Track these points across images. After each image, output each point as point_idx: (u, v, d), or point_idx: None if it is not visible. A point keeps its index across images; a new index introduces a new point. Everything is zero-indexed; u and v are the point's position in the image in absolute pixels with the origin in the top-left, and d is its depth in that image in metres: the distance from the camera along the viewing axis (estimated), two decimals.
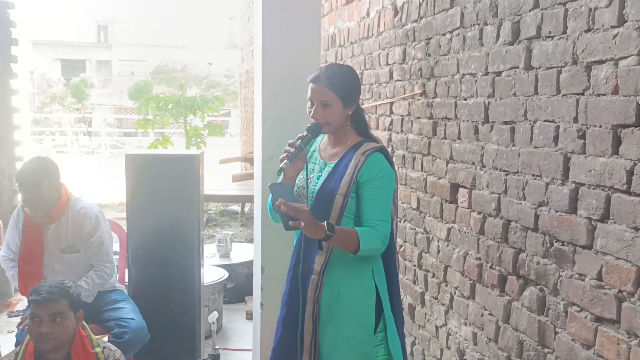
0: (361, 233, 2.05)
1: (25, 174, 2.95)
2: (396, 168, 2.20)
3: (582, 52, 1.86)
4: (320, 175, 2.19)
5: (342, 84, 2.16)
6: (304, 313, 2.16)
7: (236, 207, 8.61)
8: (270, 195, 2.12)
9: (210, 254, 5.00)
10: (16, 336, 2.89)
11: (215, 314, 3.43)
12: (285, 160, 2.10)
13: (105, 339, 3.02)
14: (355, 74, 2.27)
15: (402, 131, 3.34)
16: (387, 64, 3.52)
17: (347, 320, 2.14)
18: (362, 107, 3.86)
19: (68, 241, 3.07)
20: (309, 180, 2.20)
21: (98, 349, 2.43)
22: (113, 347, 2.52)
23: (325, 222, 2.00)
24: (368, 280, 2.16)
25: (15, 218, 3.15)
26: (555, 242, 2.01)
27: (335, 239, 2.02)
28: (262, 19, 3.09)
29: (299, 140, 2.13)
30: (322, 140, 2.30)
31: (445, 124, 2.82)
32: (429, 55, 2.97)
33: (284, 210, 1.93)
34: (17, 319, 3.59)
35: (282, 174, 2.17)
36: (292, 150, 2.10)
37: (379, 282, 2.18)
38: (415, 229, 3.20)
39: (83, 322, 2.46)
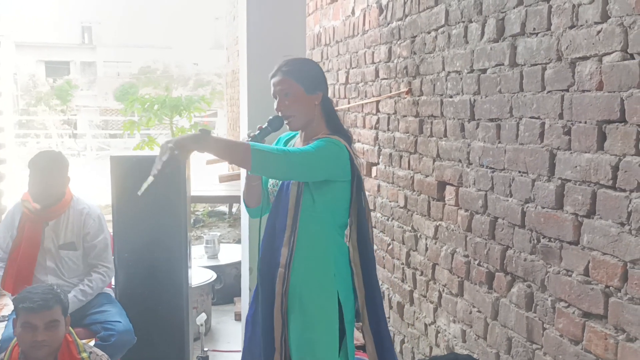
0: (253, 143, 1.97)
1: (38, 161, 3.01)
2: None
3: (567, 48, 1.86)
4: None
5: (299, 70, 2.13)
6: (272, 308, 2.13)
7: (224, 208, 8.58)
8: (242, 198, 2.20)
9: (198, 255, 4.97)
10: (0, 342, 2.85)
11: (203, 316, 3.40)
12: None
13: (92, 342, 2.99)
14: (313, 62, 2.24)
15: (388, 129, 3.34)
16: (373, 62, 3.52)
17: (313, 322, 2.12)
18: (349, 105, 3.86)
19: (67, 238, 3.09)
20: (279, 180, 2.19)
21: (84, 354, 2.41)
22: (100, 352, 2.50)
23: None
24: (329, 284, 2.13)
25: (12, 214, 3.12)
26: (542, 238, 2.01)
27: (215, 146, 1.91)
28: (247, 19, 3.08)
29: (258, 131, 2.11)
30: (297, 139, 2.27)
31: (432, 122, 2.82)
32: (415, 53, 2.96)
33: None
34: (2, 325, 3.55)
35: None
36: (249, 140, 2.08)
37: (340, 287, 2.15)
38: (403, 227, 3.20)
39: (69, 328, 2.43)
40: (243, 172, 3.23)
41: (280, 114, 2.13)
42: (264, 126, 2.12)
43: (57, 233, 3.08)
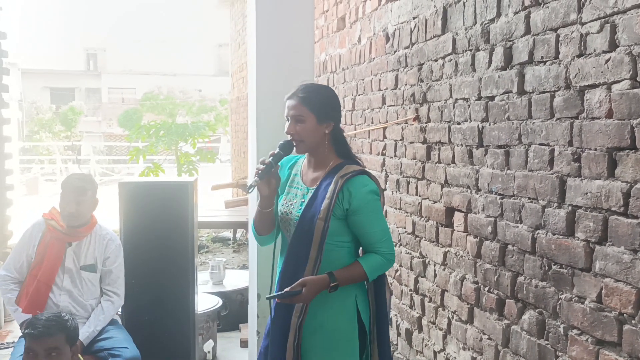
0: (365, 264, 2.09)
1: (72, 181, 3.10)
2: (385, 185, 2.23)
3: (575, 76, 1.88)
4: (304, 202, 2.17)
5: (316, 99, 2.15)
6: (285, 342, 2.11)
7: (228, 234, 8.57)
8: (252, 225, 2.29)
9: (203, 281, 4.94)
10: None
11: (210, 343, 3.39)
12: (255, 178, 2.09)
13: None
14: (332, 92, 2.26)
15: (395, 155, 3.35)
16: (380, 89, 3.55)
17: (331, 348, 2.12)
18: (355, 132, 3.89)
19: (87, 260, 3.13)
20: (292, 206, 2.19)
21: None
22: None
23: (327, 273, 2.06)
24: (350, 306, 2.14)
25: (29, 234, 3.13)
26: (554, 265, 2.01)
27: (342, 284, 2.07)
28: (256, 46, 3.12)
29: (270, 157, 2.13)
30: (303, 164, 2.27)
31: (439, 148, 2.83)
32: (422, 81, 3.00)
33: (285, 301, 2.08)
34: (8, 351, 3.54)
35: (253, 190, 2.15)
36: (262, 167, 2.10)
37: (362, 307, 2.16)
38: (411, 253, 3.20)
39: (79, 355, 2.42)
40: (252, 199, 3.24)
41: (289, 137, 2.17)
42: (276, 152, 2.15)
43: (78, 254, 3.12)
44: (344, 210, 2.09)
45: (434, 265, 2.93)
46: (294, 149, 2.18)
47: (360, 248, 2.22)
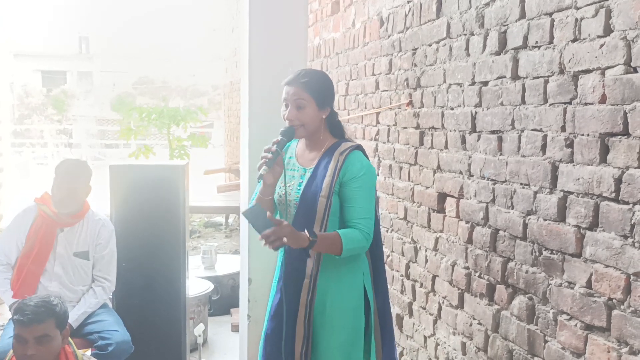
0: (344, 235, 2.08)
1: (66, 166, 3.09)
2: (377, 171, 2.26)
3: (569, 61, 1.87)
4: (302, 182, 2.20)
5: (316, 85, 2.18)
6: (294, 321, 2.14)
7: (220, 219, 8.56)
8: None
9: (194, 265, 4.94)
10: None
11: (201, 326, 3.39)
12: (264, 167, 2.10)
13: (89, 352, 2.97)
14: (328, 78, 2.30)
15: (388, 141, 3.34)
16: (373, 74, 3.53)
17: (341, 326, 2.15)
18: (349, 117, 3.87)
19: (79, 247, 3.11)
20: (291, 188, 2.20)
21: None
22: None
23: (305, 230, 2.03)
24: (358, 283, 2.19)
25: (21, 219, 3.10)
26: (544, 250, 2.01)
27: (318, 245, 2.05)
28: (249, 30, 3.09)
29: (274, 145, 2.13)
30: (298, 146, 2.31)
31: (432, 134, 2.82)
32: (415, 66, 2.98)
33: (263, 239, 1.99)
34: None
35: (261, 181, 2.17)
36: (269, 155, 2.11)
37: (367, 284, 2.22)
38: (402, 239, 3.20)
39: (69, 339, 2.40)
40: (244, 184, 3.22)
41: (288, 122, 2.18)
42: (279, 139, 2.16)
43: (70, 240, 3.10)
44: (340, 184, 2.14)
45: (425, 251, 2.93)
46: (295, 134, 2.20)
47: None
